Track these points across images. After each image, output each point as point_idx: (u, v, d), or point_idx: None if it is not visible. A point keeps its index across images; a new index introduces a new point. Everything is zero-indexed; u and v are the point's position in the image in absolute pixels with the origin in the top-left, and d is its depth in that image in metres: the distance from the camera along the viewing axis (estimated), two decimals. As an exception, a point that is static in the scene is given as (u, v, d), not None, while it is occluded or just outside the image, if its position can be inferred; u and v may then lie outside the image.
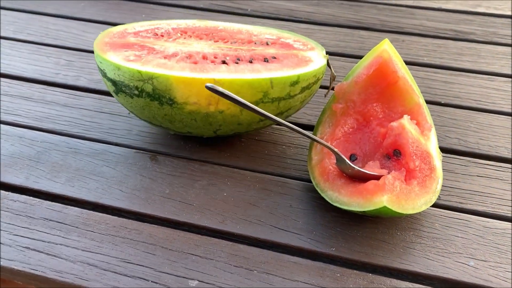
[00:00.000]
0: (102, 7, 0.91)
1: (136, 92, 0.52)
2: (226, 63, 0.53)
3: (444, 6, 0.92)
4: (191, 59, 0.54)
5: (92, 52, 0.79)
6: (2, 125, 0.64)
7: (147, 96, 0.52)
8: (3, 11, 0.90)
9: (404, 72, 0.55)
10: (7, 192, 0.55)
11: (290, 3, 0.93)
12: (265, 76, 0.52)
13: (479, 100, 0.69)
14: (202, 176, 0.57)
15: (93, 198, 0.54)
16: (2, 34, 0.83)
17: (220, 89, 0.42)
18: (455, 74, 0.75)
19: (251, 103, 0.53)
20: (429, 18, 0.88)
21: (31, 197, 0.54)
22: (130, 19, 0.87)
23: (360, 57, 0.78)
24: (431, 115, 0.62)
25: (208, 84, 0.42)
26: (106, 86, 0.57)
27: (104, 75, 0.55)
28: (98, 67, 0.56)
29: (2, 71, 0.75)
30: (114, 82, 0.54)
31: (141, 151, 0.60)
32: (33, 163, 0.58)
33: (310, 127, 0.64)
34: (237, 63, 0.54)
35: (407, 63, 0.75)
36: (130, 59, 0.53)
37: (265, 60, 0.54)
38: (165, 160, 0.59)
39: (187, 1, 0.93)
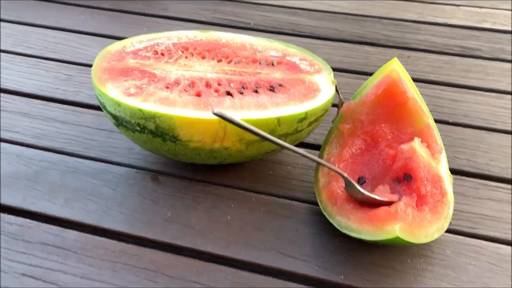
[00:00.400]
0: (103, 19, 0.90)
1: (138, 128, 0.51)
2: (231, 94, 0.52)
3: (449, 22, 0.91)
4: (194, 88, 0.52)
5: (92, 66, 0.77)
6: (-1, 142, 0.62)
7: (149, 133, 0.50)
8: (1, 23, 0.88)
9: (414, 92, 0.53)
10: (3, 214, 0.53)
11: (293, 17, 0.92)
12: (272, 115, 0.50)
13: (488, 119, 0.68)
14: (205, 197, 0.55)
15: (92, 221, 0.52)
16: (0, 47, 0.82)
17: (229, 116, 0.41)
18: (462, 91, 0.73)
19: (257, 140, 0.51)
20: (434, 34, 0.87)
21: (28, 220, 0.53)
22: (132, 33, 0.85)
23: (365, 73, 0.77)
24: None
25: (216, 111, 0.41)
26: (107, 116, 0.54)
27: (104, 107, 0.53)
28: (98, 98, 0.53)
29: (0, 86, 0.73)
30: (114, 116, 0.52)
31: (142, 171, 0.59)
32: (30, 183, 0.57)
33: (316, 147, 0.63)
34: (241, 93, 0.52)
35: (413, 80, 0.73)
36: (130, 92, 0.51)
37: (271, 88, 0.53)
38: (166, 181, 0.57)
39: (190, 15, 0.92)
